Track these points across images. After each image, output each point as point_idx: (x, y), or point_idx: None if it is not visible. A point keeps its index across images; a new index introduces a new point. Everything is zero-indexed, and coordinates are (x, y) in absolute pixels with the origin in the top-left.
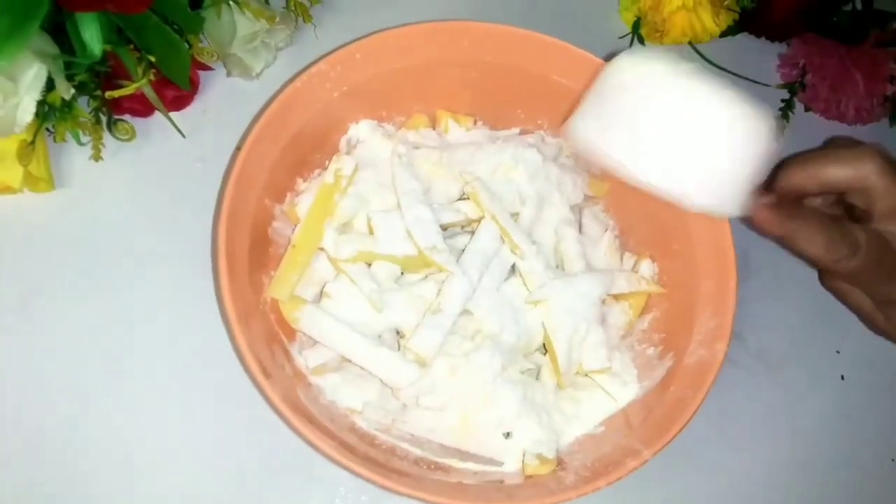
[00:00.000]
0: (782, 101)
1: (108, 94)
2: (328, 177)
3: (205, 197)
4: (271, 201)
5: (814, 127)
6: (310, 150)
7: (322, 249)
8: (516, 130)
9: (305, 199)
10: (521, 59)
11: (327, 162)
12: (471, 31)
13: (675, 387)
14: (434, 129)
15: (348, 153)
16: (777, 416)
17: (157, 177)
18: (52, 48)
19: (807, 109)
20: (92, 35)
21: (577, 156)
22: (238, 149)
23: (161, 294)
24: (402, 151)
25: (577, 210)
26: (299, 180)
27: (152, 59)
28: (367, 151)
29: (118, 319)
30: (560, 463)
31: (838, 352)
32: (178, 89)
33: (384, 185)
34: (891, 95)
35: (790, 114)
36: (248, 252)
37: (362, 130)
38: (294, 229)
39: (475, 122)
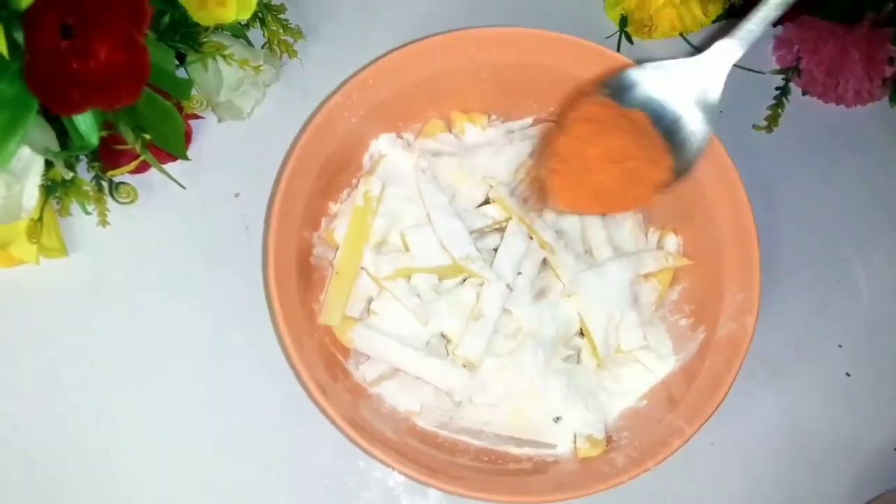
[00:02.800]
0: (777, 88)
1: (109, 173)
2: (359, 200)
3: (214, 240)
4: (309, 231)
5: (811, 111)
6: (336, 174)
7: (363, 269)
8: (529, 120)
9: (341, 224)
10: (527, 56)
11: (354, 180)
12: (475, 38)
13: (709, 360)
14: (451, 131)
15: (372, 169)
16: (781, 415)
17: (164, 229)
18: (51, 142)
19: (804, 93)
20: (88, 127)
21: None
22: (237, 195)
23: (208, 342)
24: (424, 166)
25: None
26: (331, 204)
27: (148, 137)
28: (391, 167)
29: (160, 372)
30: (609, 441)
31: (840, 346)
32: None
33: (411, 199)
34: (890, 76)
35: (786, 100)
36: (296, 284)
37: (382, 144)
38: (334, 254)
39: (489, 119)
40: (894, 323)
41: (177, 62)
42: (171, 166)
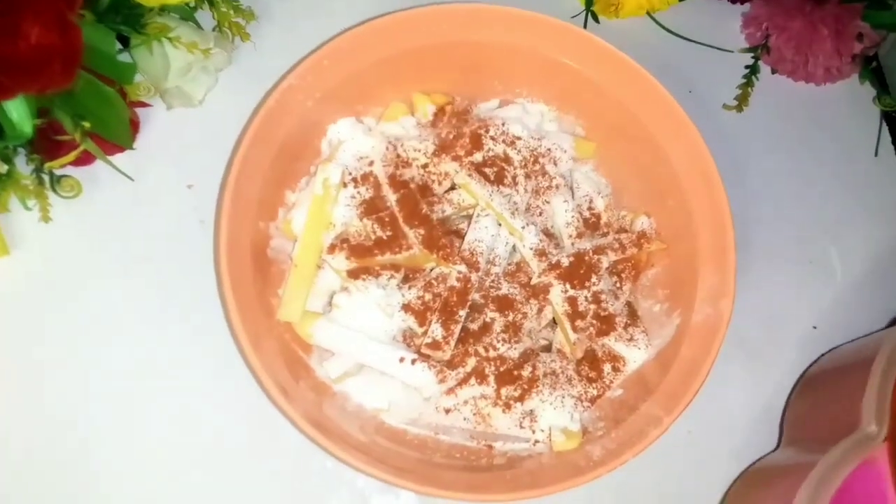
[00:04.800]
0: (746, 67)
1: (47, 165)
2: (317, 188)
3: (166, 234)
4: (265, 221)
5: (781, 89)
6: (293, 161)
7: (325, 261)
8: (496, 102)
9: (298, 214)
10: (490, 34)
11: (312, 168)
12: (435, 16)
13: (685, 346)
14: (413, 115)
15: (330, 156)
16: (758, 398)
17: (112, 224)
18: None
19: (773, 72)
20: (20, 114)
21: (561, 119)
22: (190, 186)
23: (161, 342)
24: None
25: (569, 173)
26: (288, 192)
27: (87, 124)
28: (351, 152)
29: (116, 366)
30: (585, 433)
31: (815, 327)
32: None
33: (375, 186)
34: (859, 52)
35: (755, 79)
36: (252, 277)
37: (341, 129)
38: (293, 246)
39: (454, 101)
40: (868, 303)
41: (120, 46)
42: (118, 158)
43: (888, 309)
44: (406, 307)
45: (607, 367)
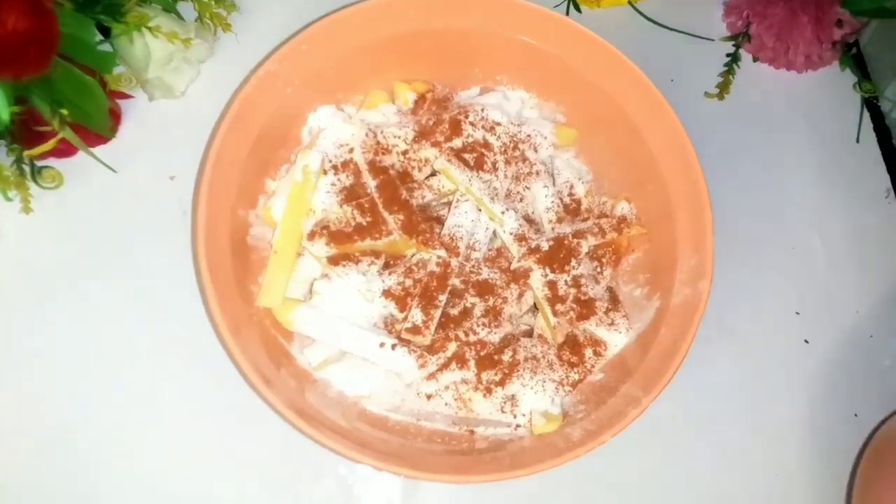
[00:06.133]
0: (727, 55)
1: (26, 153)
2: (297, 175)
3: (148, 226)
4: (245, 209)
5: (763, 77)
6: (273, 149)
7: (305, 249)
8: (476, 90)
9: (278, 201)
10: (470, 20)
11: (292, 156)
12: (414, 2)
13: (665, 328)
14: (394, 102)
15: (311, 143)
16: (740, 384)
17: (94, 215)
18: None
19: (755, 60)
20: None
21: (542, 105)
22: (172, 178)
23: (138, 324)
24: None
25: (549, 159)
26: (268, 181)
27: (65, 112)
28: (331, 140)
29: (98, 356)
30: (566, 416)
31: (798, 313)
32: None
33: (355, 173)
34: (839, 39)
35: (736, 66)
36: (231, 264)
37: (322, 117)
38: (273, 233)
39: (434, 89)
40: (852, 289)
41: (101, 37)
42: (100, 149)
43: (870, 294)
44: (386, 293)
45: (588, 352)
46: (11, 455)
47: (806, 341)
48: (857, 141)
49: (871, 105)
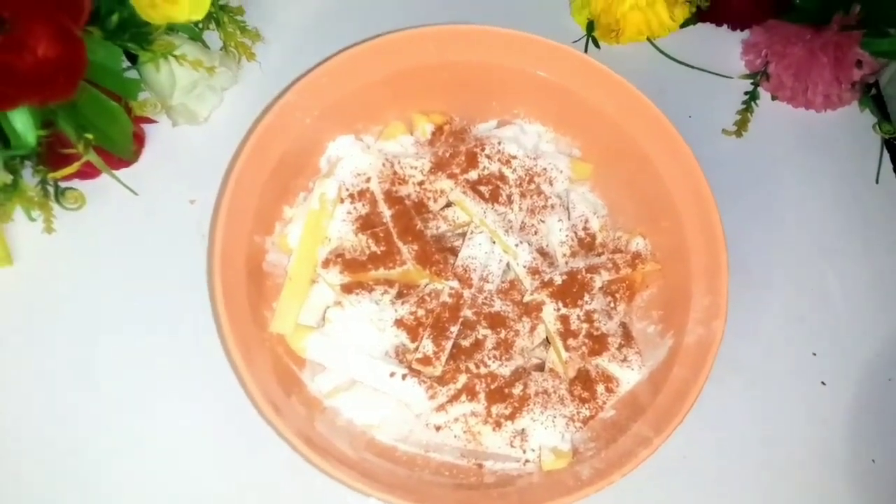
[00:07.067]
0: (746, 93)
1: (51, 175)
2: (314, 203)
3: (166, 248)
4: (262, 235)
5: (781, 116)
6: (291, 177)
7: (320, 276)
8: (493, 123)
9: (294, 229)
10: (489, 55)
11: (310, 184)
12: (434, 36)
13: (678, 367)
14: (412, 134)
15: (329, 172)
16: (755, 425)
17: (114, 236)
18: None
19: (773, 98)
20: (24, 124)
21: (558, 140)
22: (192, 202)
23: (155, 345)
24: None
25: (565, 193)
26: (286, 208)
27: (90, 136)
28: (348, 169)
29: (115, 375)
30: (575, 453)
31: (815, 354)
32: None
33: (371, 202)
34: (859, 80)
35: (754, 104)
36: (246, 289)
37: (341, 147)
38: (288, 260)
39: (452, 121)
40: (870, 331)
41: (128, 63)
42: (123, 172)
43: (887, 337)
44: (399, 322)
45: (600, 388)
46: (31, 467)
47: (823, 383)
48: (877, 182)
49: (891, 145)
